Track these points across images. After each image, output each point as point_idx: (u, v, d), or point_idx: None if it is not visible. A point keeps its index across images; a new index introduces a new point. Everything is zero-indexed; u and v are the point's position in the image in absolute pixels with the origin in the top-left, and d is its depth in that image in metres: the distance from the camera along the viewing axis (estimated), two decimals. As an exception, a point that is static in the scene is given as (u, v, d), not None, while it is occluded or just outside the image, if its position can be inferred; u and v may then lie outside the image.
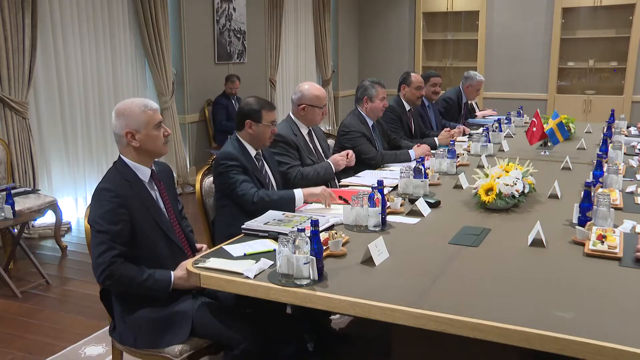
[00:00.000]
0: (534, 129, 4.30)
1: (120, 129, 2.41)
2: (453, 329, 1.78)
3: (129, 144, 2.42)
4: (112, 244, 2.27)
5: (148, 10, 6.23)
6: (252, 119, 3.01)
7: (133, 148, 2.42)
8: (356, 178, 3.65)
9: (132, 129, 2.40)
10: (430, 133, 5.18)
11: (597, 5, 8.86)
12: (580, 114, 8.89)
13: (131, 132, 2.40)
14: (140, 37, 6.35)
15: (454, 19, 10.14)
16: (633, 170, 3.78)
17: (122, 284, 2.32)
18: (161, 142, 2.47)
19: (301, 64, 9.47)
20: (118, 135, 2.43)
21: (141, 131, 2.41)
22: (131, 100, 2.47)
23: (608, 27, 9.02)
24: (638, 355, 1.57)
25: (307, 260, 2.00)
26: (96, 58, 5.92)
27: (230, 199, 2.96)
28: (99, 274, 2.29)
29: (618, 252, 2.24)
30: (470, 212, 2.90)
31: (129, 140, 2.41)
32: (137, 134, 2.41)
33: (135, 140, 2.41)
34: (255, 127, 3.02)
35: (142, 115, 2.41)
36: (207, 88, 7.30)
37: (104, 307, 2.52)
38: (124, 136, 2.41)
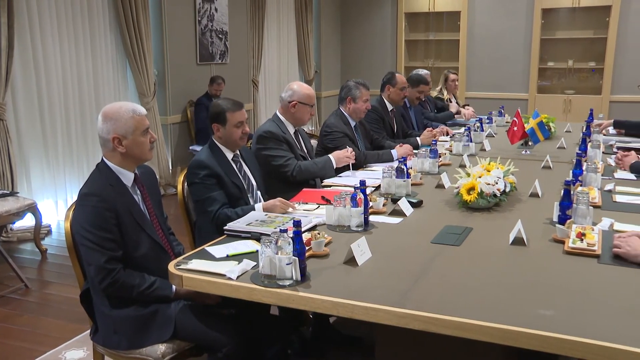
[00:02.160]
0: (515, 128, 4.34)
1: (107, 133, 2.38)
2: (436, 328, 1.79)
3: (115, 149, 2.39)
4: (105, 251, 2.27)
5: (129, 11, 6.18)
6: (218, 122, 2.99)
7: (119, 153, 2.40)
8: (339, 178, 3.65)
9: (119, 134, 2.38)
10: (413, 133, 5.20)
11: (575, 6, 8.97)
12: (560, 113, 8.98)
13: (118, 137, 2.38)
14: (121, 38, 6.30)
15: (435, 19, 10.19)
16: (611, 168, 3.83)
17: (124, 291, 2.32)
18: (147, 148, 2.46)
19: (284, 65, 9.46)
20: (104, 139, 2.41)
21: (128, 137, 2.39)
22: (119, 105, 2.44)
23: (586, 27, 9.14)
24: (617, 350, 1.60)
25: (290, 261, 2.00)
26: (76, 58, 5.86)
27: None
28: (99, 281, 2.29)
29: (597, 249, 2.27)
30: (452, 211, 2.91)
31: (115, 146, 2.38)
32: (124, 139, 2.38)
33: (121, 146, 2.39)
34: (222, 130, 2.99)
35: (131, 120, 2.39)
36: (189, 89, 7.26)
37: (84, 310, 2.50)
38: (111, 141, 2.38)
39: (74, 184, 5.87)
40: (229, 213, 2.81)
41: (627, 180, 3.52)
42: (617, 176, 3.62)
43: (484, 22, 9.61)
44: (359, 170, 3.90)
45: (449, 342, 1.89)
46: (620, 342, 1.61)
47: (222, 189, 2.91)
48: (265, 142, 3.53)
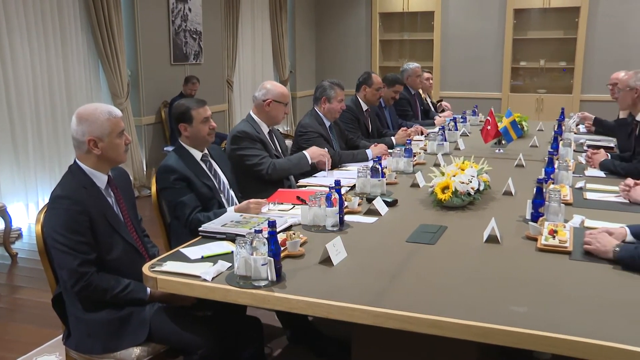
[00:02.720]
0: (489, 127, 4.38)
1: (82, 135, 2.35)
2: (412, 327, 1.80)
3: (90, 151, 2.36)
4: (78, 254, 2.24)
5: (101, 11, 6.09)
6: (184, 121, 2.96)
7: (94, 155, 2.37)
8: (313, 178, 3.65)
9: (95, 137, 2.34)
10: (387, 132, 5.23)
11: (546, 7, 9.10)
12: (532, 112, 9.09)
13: (94, 139, 2.34)
14: (93, 38, 6.21)
15: (410, 19, 10.25)
16: (582, 166, 3.89)
17: (98, 294, 2.29)
18: (123, 150, 2.43)
19: (258, 65, 9.42)
20: (78, 141, 2.37)
21: (104, 139, 2.36)
22: (94, 106, 2.41)
23: (557, 28, 9.28)
24: (589, 344, 1.63)
25: (265, 262, 1.99)
26: (46, 59, 5.75)
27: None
28: (72, 285, 2.25)
29: (568, 246, 2.30)
30: (427, 210, 2.93)
31: (90, 148, 2.35)
32: (100, 142, 2.35)
33: (97, 149, 2.35)
34: (190, 129, 2.96)
35: (107, 123, 2.36)
36: (163, 89, 7.20)
37: (56, 314, 2.46)
38: (86, 143, 2.34)
39: (45, 187, 5.77)
40: (201, 218, 2.79)
41: (597, 178, 3.58)
42: (588, 174, 3.69)
43: (457, 22, 9.69)
44: (334, 170, 3.90)
45: (426, 340, 1.90)
46: (591, 337, 1.64)
47: (193, 191, 2.89)
48: (239, 142, 3.52)
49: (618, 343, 1.60)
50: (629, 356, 1.58)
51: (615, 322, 1.74)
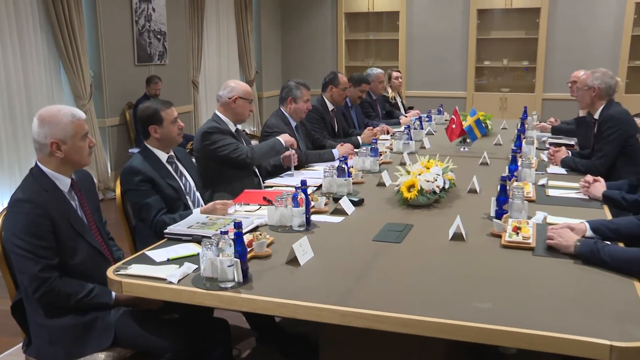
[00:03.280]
0: (453, 126, 4.43)
1: (43, 137, 2.30)
2: (379, 325, 1.81)
3: (53, 154, 2.31)
4: (39, 259, 2.19)
5: (60, 10, 5.95)
6: (154, 123, 2.93)
7: (56, 158, 2.32)
8: (280, 179, 3.65)
9: (57, 139, 2.30)
10: (354, 132, 5.25)
11: (508, 7, 9.24)
12: (496, 111, 9.22)
13: (56, 142, 2.30)
14: (53, 38, 6.07)
15: (375, 19, 10.31)
16: (544, 164, 3.97)
17: (61, 300, 2.25)
18: (86, 153, 2.39)
19: (224, 65, 9.36)
20: (40, 144, 2.32)
21: (68, 142, 2.31)
22: (57, 108, 2.36)
23: (519, 28, 9.44)
24: (551, 337, 1.66)
25: (231, 263, 1.98)
26: (3, 60, 5.59)
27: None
28: (33, 291, 2.21)
29: (531, 242, 2.34)
30: (393, 209, 2.95)
31: (53, 151, 2.30)
32: (63, 145, 2.31)
33: (60, 151, 2.31)
34: (160, 130, 2.93)
35: (70, 125, 2.32)
36: (127, 90, 7.10)
37: (16, 322, 2.40)
38: (48, 146, 2.30)
39: (5, 190, 5.63)
40: (166, 220, 2.76)
41: (559, 175, 3.65)
42: (550, 171, 3.76)
43: (422, 22, 9.78)
44: (300, 170, 3.90)
45: (393, 339, 1.92)
46: (554, 330, 1.67)
47: (158, 193, 2.86)
48: (210, 137, 3.51)
49: (579, 335, 1.64)
50: (590, 347, 1.62)
51: (576, 315, 1.78)
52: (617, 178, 3.44)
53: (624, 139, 3.61)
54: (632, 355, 1.59)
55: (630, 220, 2.52)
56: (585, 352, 1.63)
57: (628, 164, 3.60)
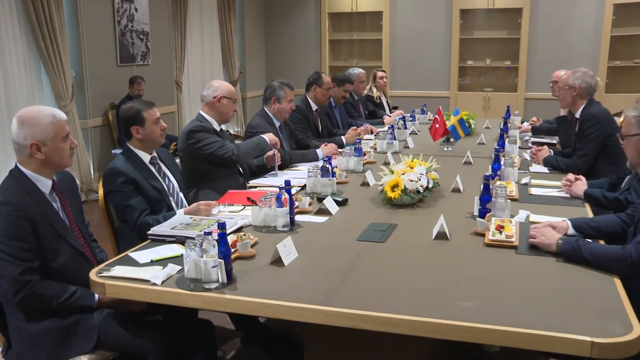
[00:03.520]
0: (437, 125, 4.45)
1: (23, 138, 2.27)
2: (364, 325, 1.81)
3: (33, 156, 2.29)
4: (20, 262, 2.17)
5: (40, 10, 5.88)
6: (136, 123, 2.91)
7: (37, 160, 2.30)
8: (264, 179, 3.65)
9: (37, 141, 2.27)
10: (338, 132, 5.25)
11: (490, 7, 9.31)
12: (480, 110, 9.28)
13: (36, 143, 2.27)
14: (33, 38, 6.00)
15: (358, 19, 10.32)
16: (527, 163, 4.00)
17: (42, 303, 2.22)
18: (67, 154, 2.37)
19: (207, 65, 9.32)
20: (20, 145, 2.29)
21: (48, 144, 2.29)
22: (37, 109, 2.33)
23: (501, 28, 9.51)
24: (534, 335, 1.68)
25: (215, 264, 1.98)
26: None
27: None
28: (14, 294, 2.18)
29: (514, 240, 2.36)
30: (377, 208, 2.96)
31: (33, 152, 2.28)
32: (43, 146, 2.28)
33: (40, 153, 2.28)
34: (142, 131, 2.91)
35: (50, 126, 2.29)
36: (110, 91, 7.04)
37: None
38: (28, 147, 2.27)
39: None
40: (150, 221, 2.74)
41: (541, 174, 3.68)
42: (533, 170, 3.79)
43: (405, 22, 9.81)
44: (284, 170, 3.90)
45: (377, 338, 1.92)
46: (537, 328, 1.69)
47: (141, 194, 2.84)
48: (196, 136, 3.51)
49: (560, 332, 1.66)
50: (571, 344, 1.64)
51: (558, 312, 1.80)
52: (597, 176, 3.48)
53: (604, 137, 3.65)
54: (612, 350, 1.62)
55: (610, 218, 2.55)
56: (567, 348, 1.65)
57: (608, 162, 3.64)
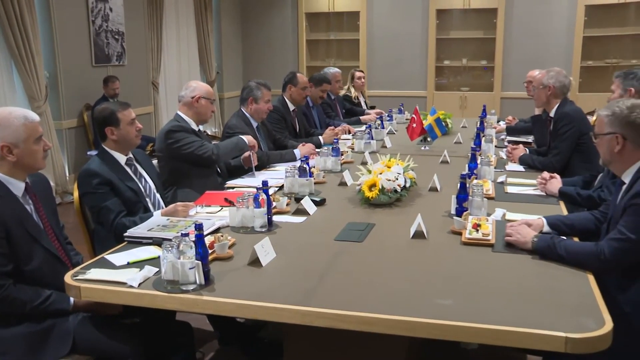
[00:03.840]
0: (414, 125, 4.47)
1: None
2: (342, 324, 1.82)
3: (4, 158, 2.25)
4: None
5: (10, 8, 5.76)
6: (110, 124, 2.88)
7: (8, 162, 2.26)
8: (241, 179, 3.64)
9: (8, 143, 2.24)
10: (315, 132, 5.25)
11: (466, 7, 9.38)
12: (456, 109, 9.34)
13: (7, 145, 2.24)
14: (3, 37, 5.90)
15: (336, 19, 10.34)
16: (503, 161, 4.04)
17: (16, 308, 2.19)
18: (40, 156, 2.34)
19: (184, 66, 9.26)
20: None
21: (20, 146, 2.25)
22: (9, 111, 2.29)
23: (477, 28, 9.60)
24: (511, 332, 1.69)
25: (193, 265, 1.97)
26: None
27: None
28: None
29: (491, 238, 2.39)
30: (355, 208, 2.96)
31: (4, 154, 2.24)
32: (14, 148, 2.25)
33: (12, 155, 2.25)
34: (117, 132, 2.89)
35: (22, 128, 2.26)
36: (85, 92, 6.96)
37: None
38: None
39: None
40: (126, 222, 2.71)
41: (517, 172, 3.72)
42: (509, 168, 3.83)
43: (382, 22, 9.85)
44: (262, 171, 3.89)
45: (356, 337, 1.92)
46: (513, 325, 1.70)
47: (117, 195, 2.81)
48: (174, 136, 3.50)
49: (536, 329, 1.68)
50: (546, 340, 1.66)
51: (534, 309, 1.82)
52: (572, 174, 3.53)
53: (578, 136, 3.70)
54: (585, 345, 1.64)
55: (584, 216, 2.59)
56: (542, 344, 1.67)
57: (582, 160, 3.69)
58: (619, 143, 2.23)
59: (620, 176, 2.31)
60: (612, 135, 2.25)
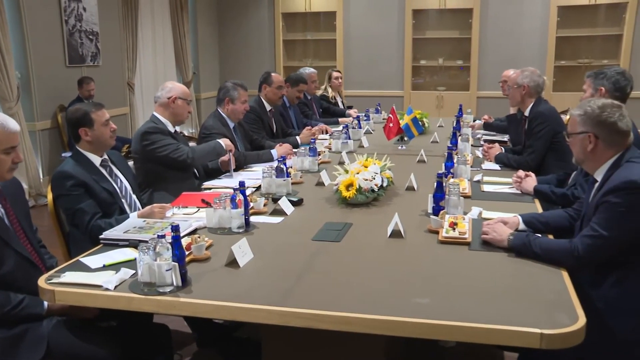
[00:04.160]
0: (391, 124, 4.49)
1: None
2: (319, 324, 1.82)
3: None
4: None
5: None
6: (84, 125, 2.85)
7: None
8: (218, 180, 3.62)
9: None
10: (292, 132, 5.25)
11: (442, 7, 9.46)
12: (433, 109, 9.40)
13: None
14: (-26, 38, 5.81)
15: (312, 19, 10.34)
16: (479, 160, 4.07)
17: None
18: (6, 168, 2.27)
19: (160, 67, 9.18)
20: None
21: None
22: None
23: (453, 28, 9.68)
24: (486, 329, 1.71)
25: (169, 267, 1.95)
26: None
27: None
28: None
29: (467, 237, 2.40)
30: (332, 208, 2.97)
31: None
32: None
33: None
34: (91, 132, 2.85)
35: None
36: (59, 93, 6.86)
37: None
38: None
39: None
40: (102, 224, 2.68)
41: (493, 171, 3.76)
42: (485, 167, 3.87)
43: (359, 22, 9.88)
44: (239, 172, 3.87)
45: (334, 337, 1.92)
46: (489, 322, 1.72)
47: (92, 197, 2.78)
48: (150, 137, 3.47)
49: (512, 325, 1.69)
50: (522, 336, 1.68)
51: (510, 306, 1.84)
52: (546, 172, 3.58)
53: (552, 135, 3.75)
54: (560, 340, 1.67)
55: (558, 213, 2.63)
56: (518, 341, 1.69)
57: (556, 159, 3.74)
58: (591, 142, 2.26)
59: (592, 174, 2.34)
60: (584, 135, 2.28)
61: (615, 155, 2.25)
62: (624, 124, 2.23)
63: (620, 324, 2.12)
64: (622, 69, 3.26)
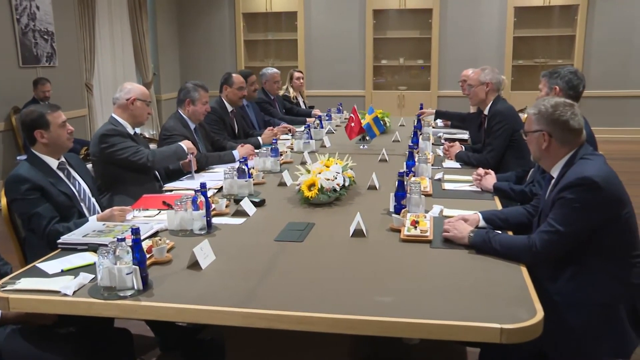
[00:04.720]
0: (352, 124, 4.51)
1: None
2: (282, 325, 1.81)
3: None
4: None
5: None
6: (40, 127, 2.78)
7: None
8: (179, 182, 3.58)
9: None
10: (254, 133, 5.22)
11: (402, 8, 9.55)
12: (395, 108, 9.50)
13: None
14: None
15: (273, 19, 10.32)
16: (440, 159, 4.12)
17: None
18: None
19: (119, 67, 9.03)
20: None
21: None
22: None
23: (413, 28, 9.80)
24: (447, 326, 1.73)
25: (130, 270, 1.92)
26: None
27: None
28: None
29: (429, 235, 2.43)
30: (294, 208, 2.96)
31: None
32: None
33: None
34: (47, 135, 2.79)
35: None
36: (13, 94, 6.68)
37: None
38: None
39: None
40: (60, 229, 2.62)
41: (454, 169, 3.80)
42: (446, 165, 3.91)
43: (320, 22, 9.91)
44: (200, 173, 3.84)
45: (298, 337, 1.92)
46: (451, 318, 1.74)
47: (49, 201, 2.71)
48: (108, 140, 3.40)
49: (472, 321, 1.72)
50: (483, 332, 1.70)
51: (471, 303, 1.86)
52: (506, 170, 3.64)
53: (510, 133, 3.82)
54: (519, 335, 1.69)
55: (517, 210, 2.68)
56: (479, 336, 1.72)
57: (515, 156, 3.82)
58: (545, 140, 2.31)
59: (549, 171, 2.40)
60: (539, 133, 2.33)
61: (569, 153, 2.31)
62: (576, 122, 2.29)
63: (575, 316, 2.18)
64: (574, 68, 3.35)
